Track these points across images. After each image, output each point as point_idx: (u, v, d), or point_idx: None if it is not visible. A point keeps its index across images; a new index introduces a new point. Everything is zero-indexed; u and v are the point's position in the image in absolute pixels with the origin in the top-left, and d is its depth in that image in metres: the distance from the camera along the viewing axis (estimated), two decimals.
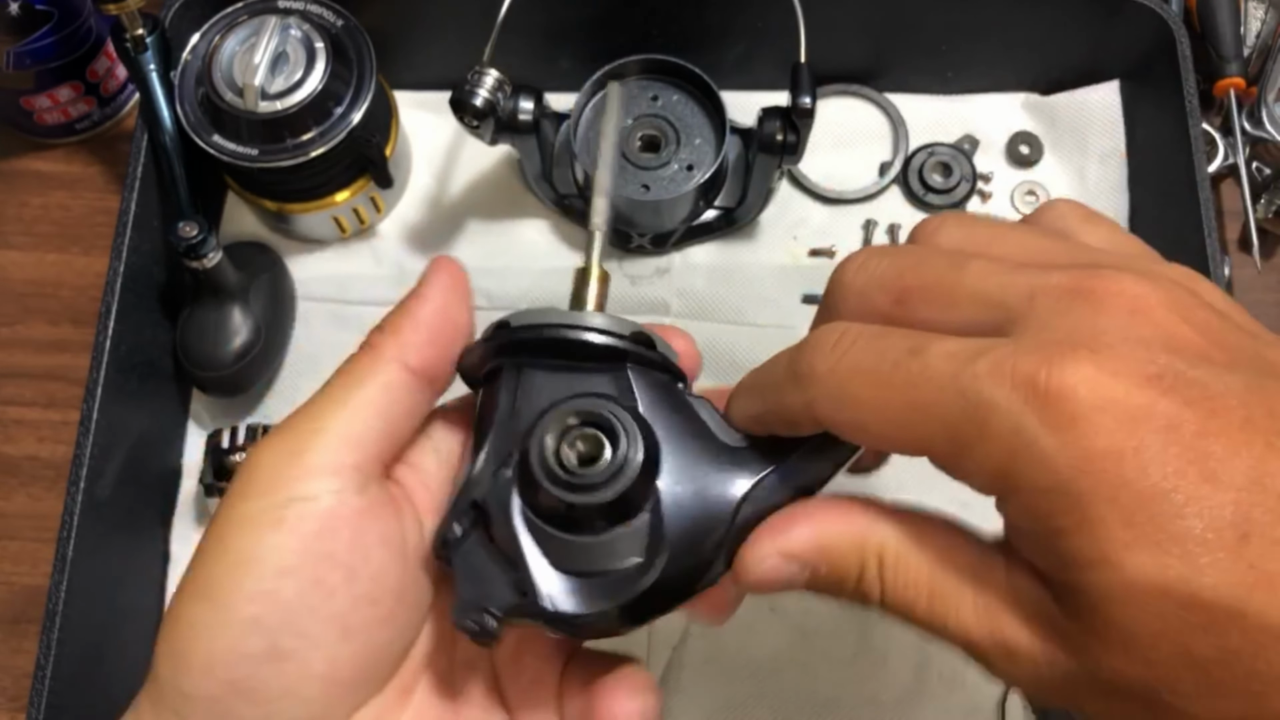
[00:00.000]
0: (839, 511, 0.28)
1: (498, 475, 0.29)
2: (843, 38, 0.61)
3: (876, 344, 0.27)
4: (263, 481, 0.30)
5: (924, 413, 0.25)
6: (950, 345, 0.25)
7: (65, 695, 0.48)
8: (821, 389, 0.27)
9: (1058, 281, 0.25)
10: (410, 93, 0.63)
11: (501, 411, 0.30)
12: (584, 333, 0.30)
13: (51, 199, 0.65)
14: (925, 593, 0.27)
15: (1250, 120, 0.63)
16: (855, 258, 0.30)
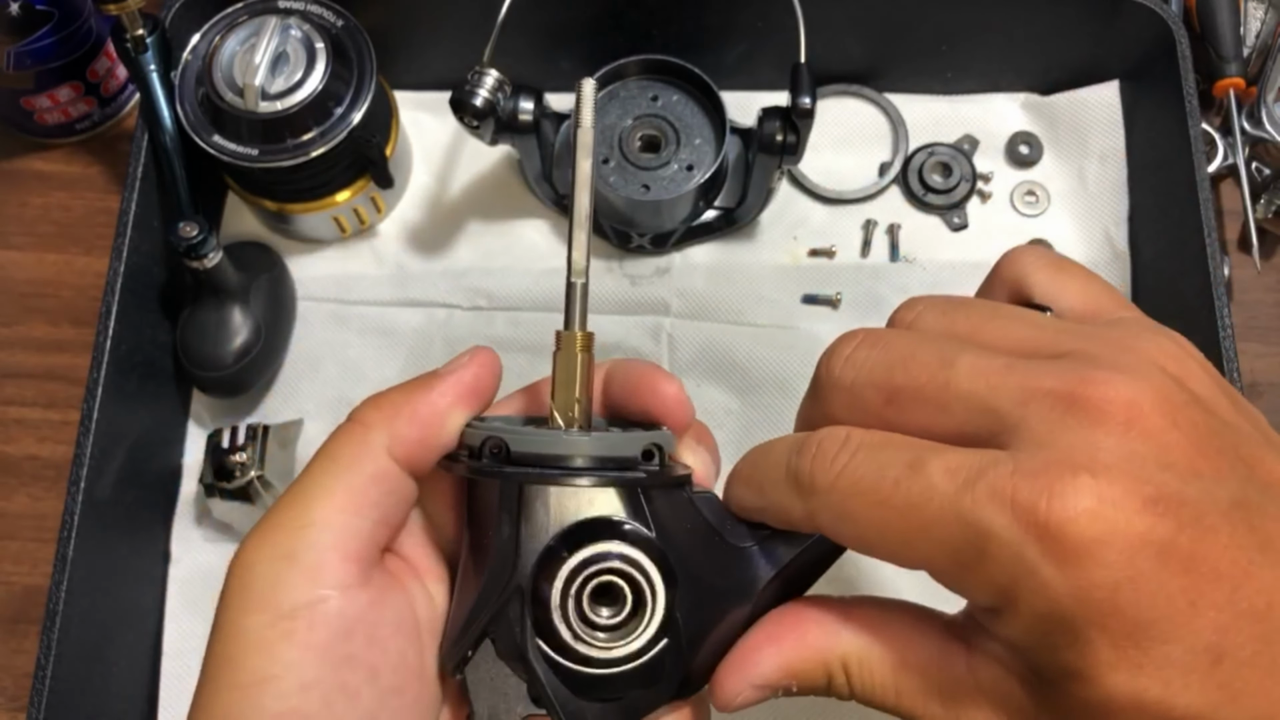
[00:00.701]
0: (799, 632, 0.29)
1: (508, 609, 0.28)
2: (842, 38, 0.61)
3: (876, 457, 0.27)
4: (261, 591, 0.28)
5: (925, 534, 0.25)
6: (950, 460, 0.25)
7: (65, 695, 0.48)
8: (822, 503, 0.27)
9: (1050, 386, 0.25)
10: (410, 93, 0.63)
11: (502, 536, 0.29)
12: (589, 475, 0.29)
13: (52, 199, 0.65)
14: (892, 691, 0.28)
15: (1250, 120, 0.63)
16: (841, 349, 0.29)
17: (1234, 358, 0.52)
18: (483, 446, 0.29)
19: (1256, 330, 0.62)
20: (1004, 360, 0.27)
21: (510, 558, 0.28)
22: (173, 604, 0.56)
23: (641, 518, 0.29)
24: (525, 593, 0.28)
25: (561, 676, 0.28)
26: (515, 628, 0.28)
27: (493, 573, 0.29)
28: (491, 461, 0.29)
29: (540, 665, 0.28)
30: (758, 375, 0.59)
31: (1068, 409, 0.25)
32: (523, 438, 0.29)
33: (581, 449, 0.29)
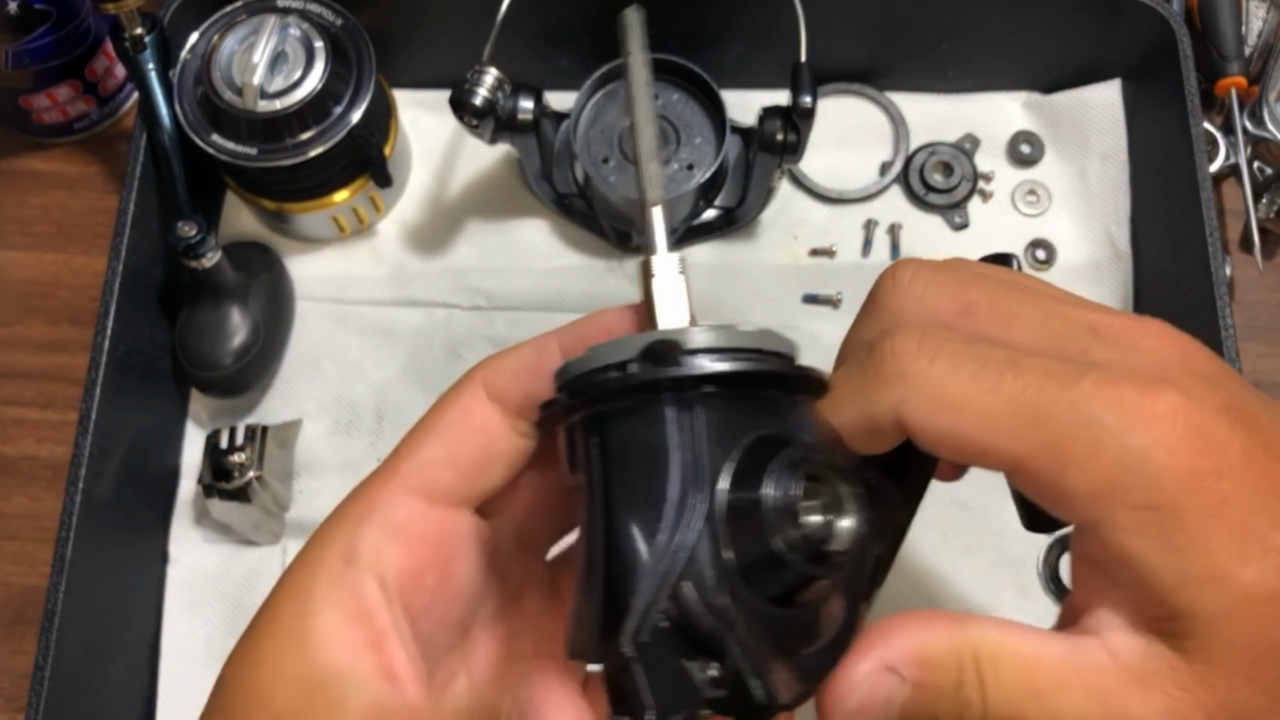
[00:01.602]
0: (925, 621, 0.27)
1: (695, 549, 0.24)
2: (843, 37, 0.61)
3: (972, 349, 0.26)
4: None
5: (1033, 424, 0.25)
6: (1044, 362, 0.26)
7: (64, 695, 0.48)
8: (915, 389, 0.26)
9: (1113, 320, 0.27)
10: (410, 92, 0.63)
11: (680, 461, 0.24)
12: (786, 365, 0.26)
13: (50, 199, 0.65)
14: (1030, 690, 0.26)
15: (1251, 120, 0.63)
16: (907, 264, 0.29)
17: (1236, 358, 0.52)
18: (644, 353, 0.24)
19: (1258, 330, 0.62)
20: (1063, 298, 0.28)
21: (695, 483, 0.24)
22: (171, 604, 0.56)
23: (806, 428, 0.26)
24: (720, 525, 0.24)
25: (765, 628, 0.24)
26: (710, 571, 0.23)
27: (672, 513, 0.24)
28: (661, 369, 0.24)
29: (742, 617, 0.24)
30: None
31: (1134, 335, 0.27)
32: (686, 334, 0.25)
33: (755, 343, 0.25)
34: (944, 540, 0.55)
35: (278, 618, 0.27)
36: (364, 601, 0.27)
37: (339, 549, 0.27)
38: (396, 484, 0.28)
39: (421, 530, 0.28)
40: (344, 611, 0.27)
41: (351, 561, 0.27)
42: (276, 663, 0.26)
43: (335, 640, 0.26)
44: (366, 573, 0.27)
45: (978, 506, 0.56)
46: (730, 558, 0.24)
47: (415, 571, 0.28)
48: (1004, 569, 0.55)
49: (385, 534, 0.27)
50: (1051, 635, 0.27)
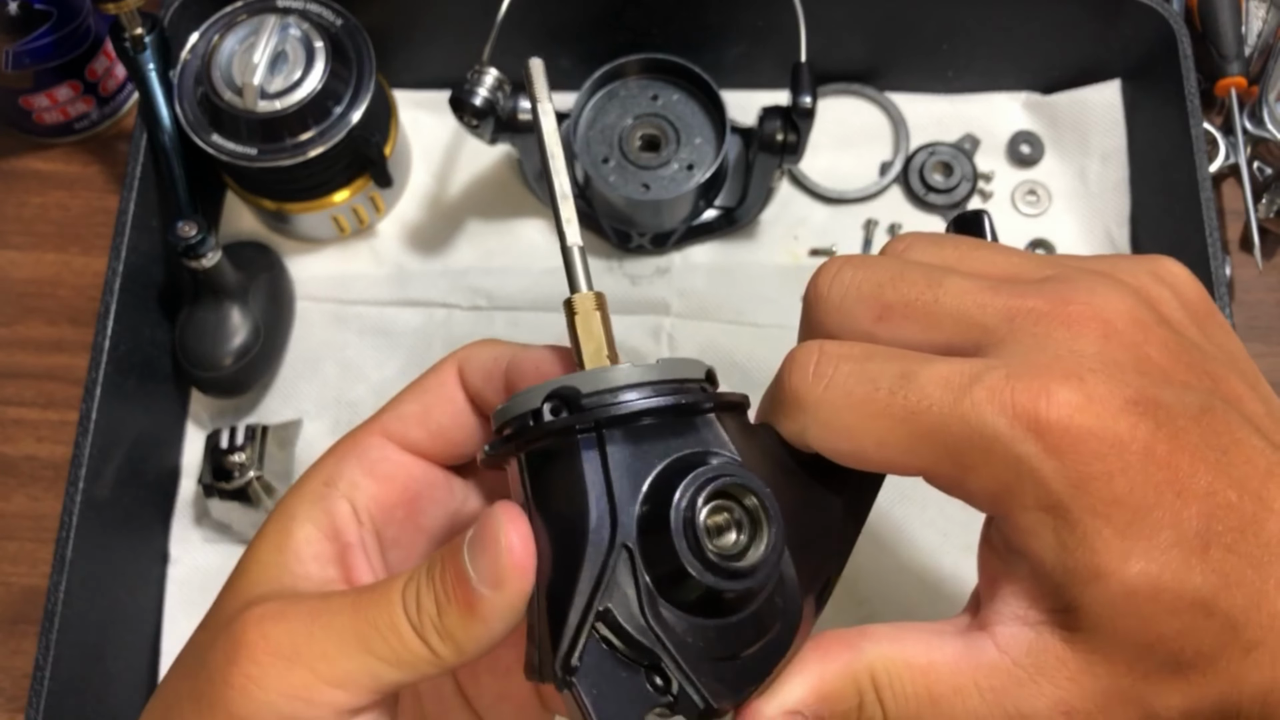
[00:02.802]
0: (821, 652, 0.28)
1: (616, 570, 0.26)
2: (843, 37, 0.61)
3: (865, 369, 0.27)
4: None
5: (926, 440, 0.26)
6: (942, 370, 0.26)
7: (64, 696, 0.48)
8: (811, 417, 0.27)
9: (1033, 305, 0.27)
10: (410, 92, 0.63)
11: (593, 495, 0.26)
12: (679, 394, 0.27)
13: (50, 199, 0.65)
14: (927, 699, 0.27)
15: (1251, 120, 0.63)
16: (829, 268, 0.30)
17: None
18: (541, 405, 0.27)
19: (1258, 330, 0.62)
20: (989, 283, 0.28)
21: (608, 515, 0.26)
22: (171, 604, 0.56)
23: (725, 444, 0.27)
24: (634, 548, 0.26)
25: (690, 639, 0.26)
26: (629, 590, 0.26)
27: (591, 543, 0.26)
28: (558, 418, 0.26)
29: (666, 630, 0.25)
30: (758, 375, 0.59)
31: (1051, 322, 0.27)
32: (586, 379, 0.27)
33: (651, 376, 0.27)
34: (944, 540, 0.55)
35: (264, 532, 0.30)
36: (336, 519, 0.30)
37: (321, 476, 0.30)
38: (376, 429, 0.31)
39: (391, 470, 0.31)
40: (317, 526, 0.30)
41: (330, 485, 0.30)
42: (259, 566, 0.29)
43: (308, 550, 0.29)
44: (341, 497, 0.30)
45: None
46: (646, 580, 0.26)
47: (385, 503, 0.31)
48: None
49: (360, 467, 0.30)
50: (945, 636, 0.27)
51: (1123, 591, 0.25)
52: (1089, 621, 0.25)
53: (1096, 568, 0.25)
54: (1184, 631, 0.25)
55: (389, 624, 0.27)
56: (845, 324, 0.29)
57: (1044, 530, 0.25)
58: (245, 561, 0.30)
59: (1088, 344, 0.26)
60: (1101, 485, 0.25)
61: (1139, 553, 0.24)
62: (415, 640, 0.27)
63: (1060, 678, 0.26)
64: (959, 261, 0.30)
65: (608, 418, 0.26)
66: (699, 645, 0.26)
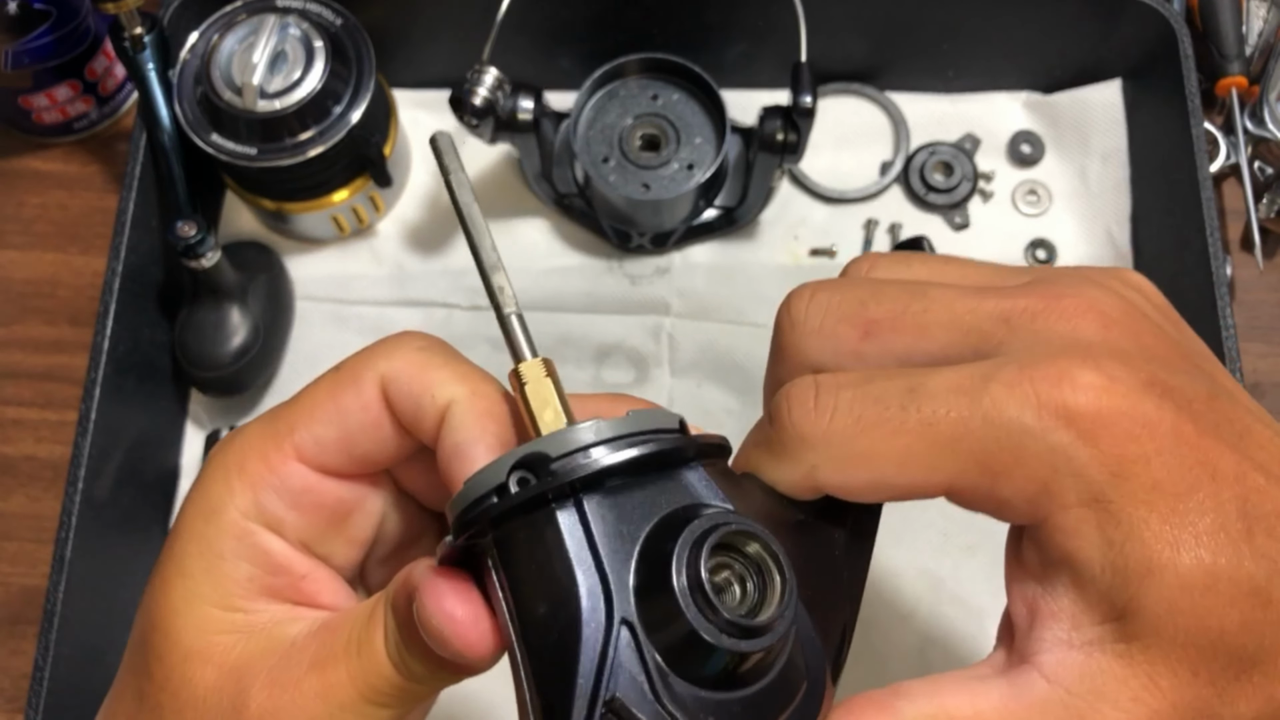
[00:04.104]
0: (851, 718, 0.25)
1: (619, 650, 0.23)
2: (843, 36, 0.61)
3: (868, 391, 0.25)
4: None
5: (949, 451, 0.24)
6: (950, 376, 0.25)
7: (63, 696, 0.48)
8: (823, 453, 0.25)
9: (1026, 304, 0.26)
10: (409, 91, 0.63)
11: (581, 569, 0.23)
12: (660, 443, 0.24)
13: (50, 198, 0.65)
14: None
15: (1252, 119, 0.63)
16: (801, 294, 0.28)
17: (1236, 357, 0.52)
18: (507, 479, 0.24)
19: (1259, 330, 0.62)
20: (972, 290, 0.27)
21: (599, 589, 0.23)
22: None
23: (714, 493, 0.25)
24: (634, 621, 0.23)
25: (714, 717, 0.23)
26: (636, 669, 0.23)
27: (586, 624, 0.23)
28: (526, 488, 0.24)
29: (680, 706, 0.23)
30: (758, 375, 0.58)
31: (1048, 318, 0.26)
32: (552, 441, 0.24)
33: (624, 429, 0.24)
34: (944, 540, 0.55)
35: (183, 578, 0.28)
36: (274, 557, 0.28)
37: (238, 507, 0.28)
38: (291, 453, 0.28)
39: (317, 499, 0.28)
40: (254, 565, 0.28)
41: (253, 520, 0.28)
42: (195, 609, 0.27)
43: (251, 588, 0.28)
44: (269, 532, 0.28)
45: None
46: (654, 656, 0.23)
47: (314, 531, 0.29)
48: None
49: (283, 501, 0.28)
50: (986, 681, 0.25)
51: (1179, 585, 0.23)
52: (1146, 625, 0.23)
53: (1148, 562, 0.23)
54: (1245, 624, 0.23)
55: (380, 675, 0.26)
56: (828, 347, 0.27)
57: (1087, 529, 0.24)
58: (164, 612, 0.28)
59: (1090, 334, 0.25)
60: (1140, 470, 0.23)
61: (1189, 541, 0.23)
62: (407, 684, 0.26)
63: (1122, 699, 0.23)
64: (931, 275, 0.29)
65: (584, 478, 0.23)
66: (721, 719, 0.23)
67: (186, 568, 0.28)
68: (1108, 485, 0.23)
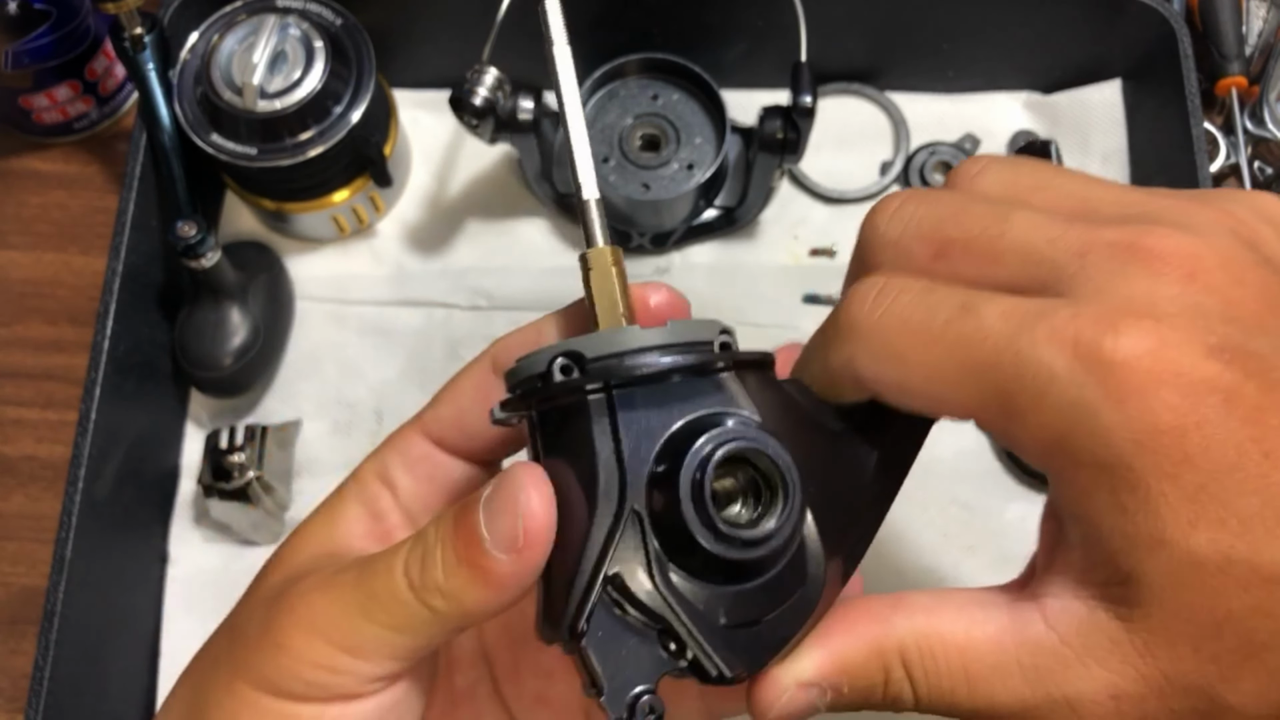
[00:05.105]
0: (846, 622, 0.26)
1: (625, 534, 0.25)
2: (843, 36, 0.61)
3: (924, 299, 0.25)
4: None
5: (977, 375, 0.24)
6: (1004, 304, 0.24)
7: (63, 696, 0.47)
8: (864, 343, 0.26)
9: (1111, 238, 0.24)
10: (409, 91, 0.63)
11: (602, 456, 0.25)
12: (694, 355, 0.26)
13: (50, 198, 0.65)
14: (962, 677, 0.25)
15: (1252, 119, 0.63)
16: (889, 203, 0.28)
17: None
18: (550, 366, 0.26)
19: None
20: (1063, 217, 0.26)
21: (616, 477, 0.25)
22: (171, 605, 0.56)
23: (744, 403, 0.26)
24: (643, 513, 0.25)
25: (703, 605, 0.25)
26: (639, 555, 0.25)
27: (600, 505, 0.25)
28: (568, 378, 0.26)
29: (678, 596, 0.25)
30: None
31: (1128, 259, 0.24)
32: (597, 341, 0.26)
33: (662, 339, 0.26)
34: (944, 540, 0.55)
35: (315, 511, 0.31)
36: (380, 505, 0.31)
37: (372, 467, 0.31)
38: (418, 428, 0.31)
39: (431, 470, 0.31)
40: (364, 507, 0.31)
41: (377, 476, 0.31)
42: (306, 540, 0.30)
43: (356, 528, 0.30)
44: (385, 487, 0.31)
45: (978, 506, 0.56)
46: (655, 545, 0.25)
47: (426, 502, 0.31)
48: (1004, 569, 0.54)
49: (402, 465, 0.31)
50: (989, 609, 0.26)
51: (1188, 561, 0.22)
52: (1148, 595, 0.23)
53: (1159, 535, 0.22)
54: (1258, 609, 0.22)
55: (388, 592, 0.26)
56: (900, 261, 0.27)
57: (1100, 491, 0.23)
58: (294, 536, 0.31)
59: (1168, 284, 0.23)
60: (1171, 441, 0.22)
61: (1210, 520, 0.22)
62: (416, 604, 0.26)
63: (1112, 660, 0.23)
64: (1033, 191, 0.27)
65: (616, 379, 0.25)
66: (713, 612, 0.25)
67: (317, 509, 0.31)
68: (1130, 452, 0.22)
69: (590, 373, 0.26)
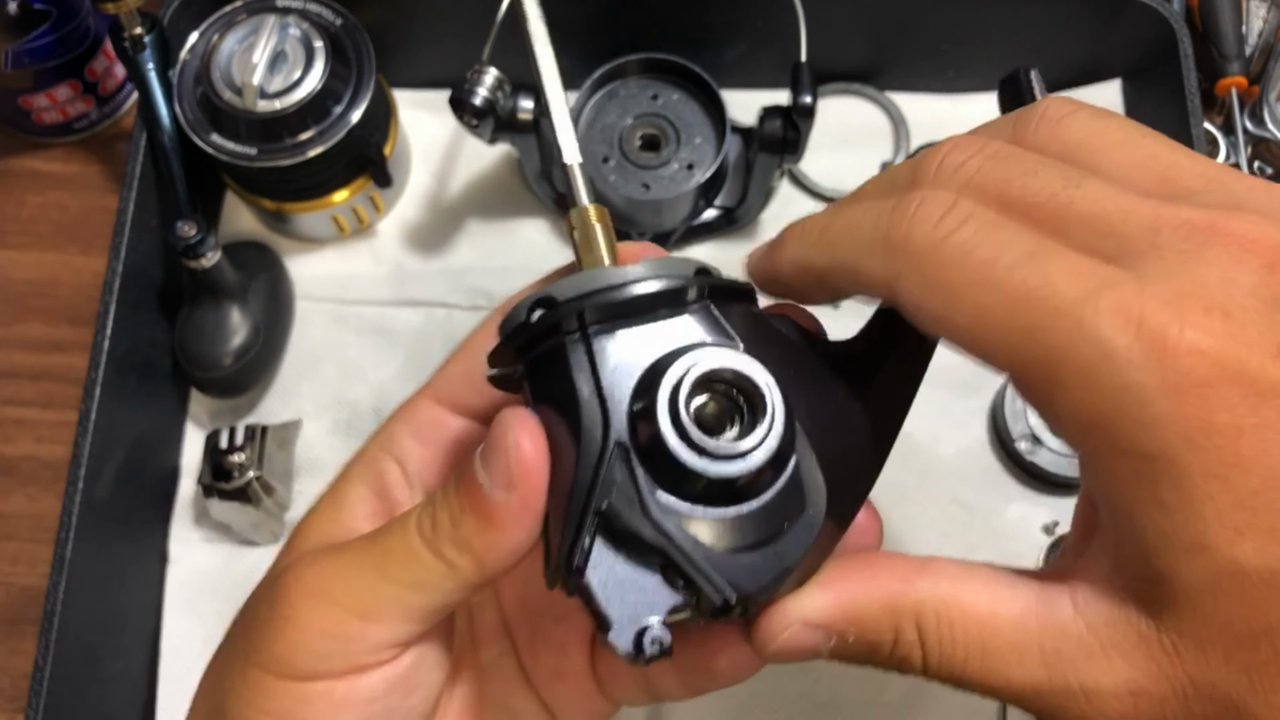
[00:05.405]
0: (867, 572, 0.25)
1: (612, 468, 0.25)
2: (843, 36, 0.61)
3: (993, 234, 0.23)
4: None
5: (1031, 333, 0.22)
6: (1074, 262, 0.22)
7: (63, 696, 0.47)
8: (915, 266, 0.24)
9: (1189, 216, 0.23)
10: (409, 91, 0.63)
11: (583, 395, 0.25)
12: (663, 281, 0.26)
13: (49, 198, 0.65)
14: (977, 651, 0.24)
15: (1252, 119, 0.63)
16: (959, 148, 0.26)
17: None
18: (528, 314, 0.26)
19: None
20: (1139, 188, 0.24)
21: (598, 412, 0.25)
22: (171, 605, 0.56)
23: (723, 332, 0.26)
24: (628, 445, 0.25)
25: (699, 532, 0.25)
26: (629, 488, 0.25)
27: (584, 442, 0.25)
28: (541, 318, 0.26)
29: (672, 523, 0.25)
30: None
31: (1205, 241, 0.22)
32: (568, 283, 0.26)
33: (635, 274, 0.26)
34: (945, 540, 0.55)
35: (324, 494, 0.31)
36: (386, 480, 0.30)
37: (378, 440, 0.31)
38: (427, 393, 0.31)
39: (439, 434, 0.30)
40: (369, 486, 0.30)
41: (383, 449, 0.31)
42: (314, 524, 0.30)
43: (360, 509, 0.30)
44: (391, 460, 0.31)
45: (978, 506, 0.56)
46: (643, 474, 0.25)
47: (434, 468, 0.31)
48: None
49: (409, 431, 0.31)
50: (1019, 587, 0.25)
51: (1230, 570, 0.21)
52: (1182, 598, 0.22)
53: (1200, 539, 0.21)
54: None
55: (403, 547, 0.26)
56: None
57: (1139, 482, 0.22)
58: (303, 521, 0.31)
59: (1247, 273, 0.22)
60: (1226, 442, 0.21)
61: (1260, 530, 0.21)
62: (430, 557, 0.26)
63: (1137, 656, 0.22)
64: (1117, 146, 0.25)
65: (588, 313, 0.26)
66: (710, 537, 0.25)
67: (325, 492, 0.31)
68: (1178, 447, 0.21)
69: (563, 310, 0.26)
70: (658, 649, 0.24)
